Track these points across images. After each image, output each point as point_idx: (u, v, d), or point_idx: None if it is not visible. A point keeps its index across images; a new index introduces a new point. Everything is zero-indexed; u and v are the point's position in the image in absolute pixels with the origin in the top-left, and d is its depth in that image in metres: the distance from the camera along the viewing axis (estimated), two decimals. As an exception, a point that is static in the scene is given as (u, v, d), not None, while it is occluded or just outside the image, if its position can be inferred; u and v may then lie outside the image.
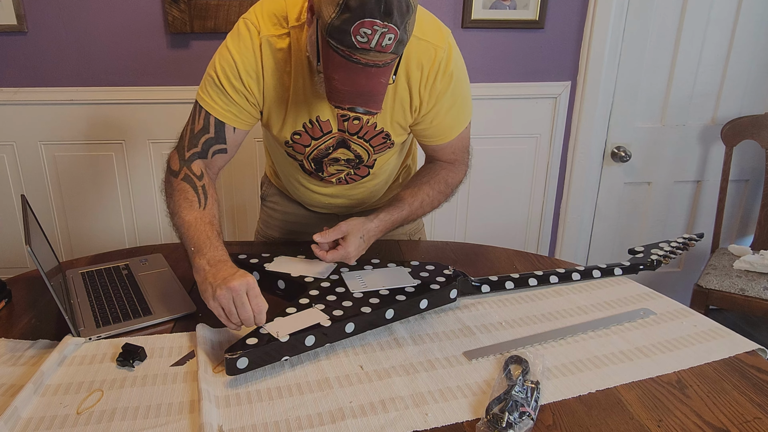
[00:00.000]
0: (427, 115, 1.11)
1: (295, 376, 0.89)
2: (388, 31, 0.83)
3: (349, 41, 0.84)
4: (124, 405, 0.82)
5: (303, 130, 1.12)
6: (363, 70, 0.87)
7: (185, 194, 1.05)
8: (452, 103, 1.11)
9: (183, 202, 1.05)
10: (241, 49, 1.02)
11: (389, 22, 0.83)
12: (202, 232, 1.00)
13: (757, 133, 2.11)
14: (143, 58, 1.91)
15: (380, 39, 0.84)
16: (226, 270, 0.93)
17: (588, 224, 2.38)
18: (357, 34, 0.83)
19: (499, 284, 1.17)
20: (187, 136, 1.09)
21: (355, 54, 0.85)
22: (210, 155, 1.10)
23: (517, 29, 2.01)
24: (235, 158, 2.03)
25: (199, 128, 1.08)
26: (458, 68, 1.09)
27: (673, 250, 1.28)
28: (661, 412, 0.82)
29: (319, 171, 1.23)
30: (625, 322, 1.05)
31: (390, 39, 0.84)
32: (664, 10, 2.06)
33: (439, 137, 1.17)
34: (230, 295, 0.89)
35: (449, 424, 0.79)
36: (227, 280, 0.90)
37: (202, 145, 1.09)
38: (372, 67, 0.87)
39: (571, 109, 2.15)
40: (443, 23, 1.09)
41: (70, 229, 2.10)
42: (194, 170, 1.08)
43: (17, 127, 1.95)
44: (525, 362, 0.90)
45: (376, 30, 0.83)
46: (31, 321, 1.04)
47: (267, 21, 1.02)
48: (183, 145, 1.10)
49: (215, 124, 1.08)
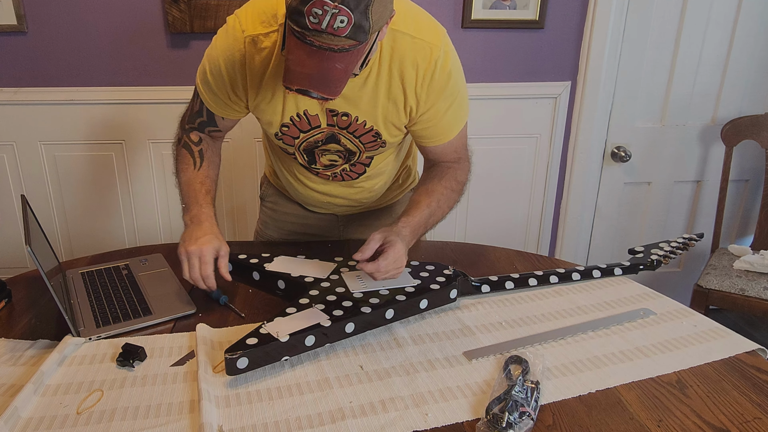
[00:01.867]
0: (425, 114, 1.11)
1: (295, 376, 0.89)
2: (340, 13, 0.83)
3: (303, 22, 0.84)
4: (124, 405, 0.82)
5: (291, 123, 1.13)
6: (317, 53, 0.86)
7: (184, 158, 1.20)
8: (451, 102, 1.11)
9: (181, 165, 1.20)
10: (225, 48, 1.07)
11: (340, 3, 0.82)
12: (192, 191, 1.16)
13: (757, 133, 2.11)
14: (143, 58, 1.91)
15: (331, 20, 0.83)
16: (199, 231, 1.08)
17: (588, 224, 2.38)
18: (310, 14, 0.83)
19: (499, 284, 1.17)
20: (188, 114, 1.22)
21: (308, 35, 0.85)
22: (207, 133, 1.23)
23: (517, 29, 2.00)
24: (235, 158, 2.04)
25: (195, 111, 1.20)
26: (455, 67, 1.09)
27: (673, 250, 1.28)
28: (661, 412, 0.82)
29: (312, 163, 1.23)
30: (625, 322, 1.05)
31: (342, 22, 0.83)
32: (664, 10, 2.06)
33: (439, 137, 1.16)
34: (186, 255, 1.05)
35: (449, 424, 0.79)
36: (190, 242, 1.06)
37: (198, 124, 1.21)
38: (326, 51, 0.86)
39: (571, 109, 2.15)
40: (440, 24, 1.08)
41: (70, 229, 2.10)
42: (192, 138, 1.21)
43: (17, 127, 1.95)
44: (525, 362, 0.90)
45: (327, 11, 0.82)
46: (31, 321, 1.04)
47: (255, 19, 1.03)
48: (185, 119, 1.23)
49: (206, 111, 1.18)
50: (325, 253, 1.27)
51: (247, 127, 2.00)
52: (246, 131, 2.01)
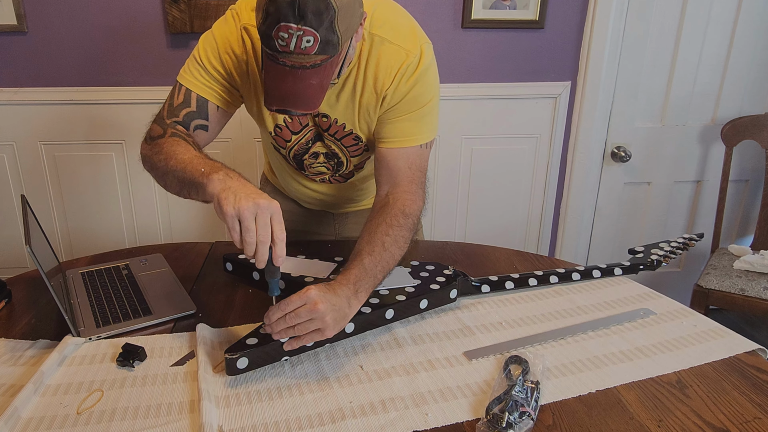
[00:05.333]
0: (387, 112, 1.08)
1: (295, 376, 0.89)
2: (304, 34, 0.84)
3: (272, 45, 0.85)
4: (124, 405, 0.82)
5: (284, 124, 1.13)
6: (290, 72, 0.88)
7: (177, 142, 0.99)
8: (411, 109, 1.07)
9: (176, 147, 0.97)
10: (224, 32, 1.05)
11: (303, 25, 0.83)
12: (209, 161, 0.92)
13: (757, 133, 2.11)
14: (143, 58, 1.91)
15: (298, 42, 0.84)
16: (251, 187, 0.85)
17: (588, 224, 2.38)
18: (277, 38, 0.84)
19: (499, 284, 1.17)
20: (166, 109, 1.07)
21: (280, 57, 0.87)
22: (192, 128, 1.06)
23: (517, 29, 2.00)
24: (235, 158, 2.04)
25: (178, 102, 1.06)
26: (425, 79, 1.05)
27: (673, 250, 1.28)
28: (661, 412, 0.82)
29: (300, 169, 1.25)
30: (625, 322, 1.05)
31: (309, 41, 0.85)
32: (664, 10, 2.06)
33: (393, 139, 1.08)
34: (255, 210, 0.80)
35: (449, 424, 0.79)
36: (254, 195, 0.81)
37: (183, 116, 1.06)
38: (299, 69, 0.88)
39: (571, 109, 2.15)
40: (428, 37, 1.07)
41: (70, 229, 2.10)
42: (180, 130, 1.05)
43: (17, 127, 1.95)
44: (525, 362, 0.90)
45: (292, 33, 0.84)
46: (31, 321, 1.04)
47: (249, 12, 1.04)
48: (162, 116, 1.06)
49: (197, 99, 1.06)
50: (325, 252, 1.27)
51: (247, 127, 2.00)
52: (246, 131, 2.01)
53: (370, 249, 0.98)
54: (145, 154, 1.03)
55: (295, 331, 0.86)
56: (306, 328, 0.86)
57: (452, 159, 2.15)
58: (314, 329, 0.86)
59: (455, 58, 1.98)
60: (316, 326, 0.86)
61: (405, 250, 1.03)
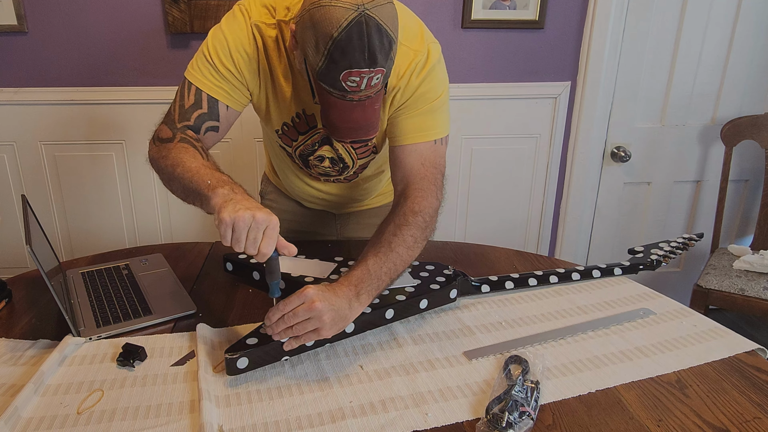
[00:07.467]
0: (396, 111, 1.08)
1: (295, 376, 0.89)
2: (376, 74, 0.86)
3: (339, 86, 0.87)
4: (124, 405, 0.82)
5: (291, 123, 1.13)
6: (358, 105, 0.90)
7: (185, 150, 0.98)
8: (421, 105, 1.06)
9: (184, 154, 0.96)
10: (234, 30, 1.02)
11: (374, 67, 0.85)
12: (216, 174, 0.92)
13: (756, 133, 2.11)
14: (143, 58, 1.91)
15: (368, 82, 0.87)
16: (253, 202, 0.85)
17: (588, 224, 2.38)
18: (346, 81, 0.86)
19: (499, 284, 1.17)
20: (177, 111, 1.04)
21: (348, 95, 0.88)
22: (203, 131, 1.05)
23: (516, 29, 2.00)
24: (235, 158, 2.04)
25: (190, 104, 1.03)
26: (433, 75, 1.05)
27: (672, 250, 1.28)
28: (661, 411, 0.82)
29: (306, 167, 1.25)
30: (625, 322, 1.05)
31: (378, 78, 0.88)
32: (664, 10, 2.06)
33: (404, 136, 1.07)
34: (250, 222, 0.80)
35: (449, 424, 0.79)
36: (253, 208, 0.82)
37: (194, 119, 1.04)
38: (365, 101, 0.90)
39: (570, 109, 2.15)
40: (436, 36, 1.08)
41: (70, 229, 2.10)
42: (190, 135, 1.02)
43: (17, 127, 1.95)
44: (525, 362, 0.91)
45: (364, 76, 0.86)
46: (32, 321, 1.04)
47: (259, 8, 1.03)
48: (173, 119, 1.04)
49: (208, 100, 1.04)
50: (325, 252, 1.27)
51: (247, 127, 2.00)
52: (246, 131, 2.01)
53: (376, 250, 0.96)
54: (153, 156, 1.03)
55: (293, 331, 0.86)
56: (304, 327, 0.86)
57: (452, 159, 2.15)
58: (312, 329, 0.86)
59: (455, 58, 1.98)
60: (314, 326, 0.85)
61: (417, 251, 1.00)
